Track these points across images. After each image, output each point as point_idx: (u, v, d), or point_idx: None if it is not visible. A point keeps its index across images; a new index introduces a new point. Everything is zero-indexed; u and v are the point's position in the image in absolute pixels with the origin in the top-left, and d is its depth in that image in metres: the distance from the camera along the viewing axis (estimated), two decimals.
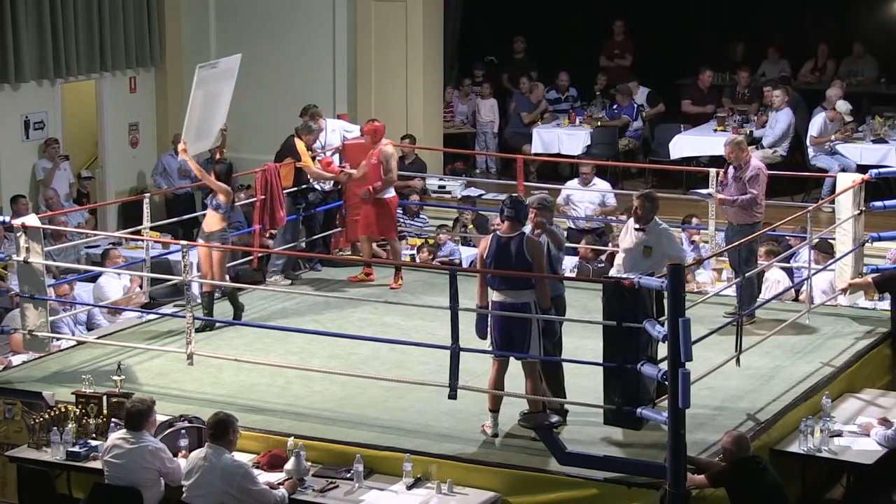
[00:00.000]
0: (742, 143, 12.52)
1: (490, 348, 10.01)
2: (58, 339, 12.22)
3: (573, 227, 16.20)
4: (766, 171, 12.56)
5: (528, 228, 10.10)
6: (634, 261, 10.67)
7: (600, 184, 16.45)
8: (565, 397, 10.18)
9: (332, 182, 14.47)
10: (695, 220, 15.09)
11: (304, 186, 14.27)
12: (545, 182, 17.60)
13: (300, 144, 14.03)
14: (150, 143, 19.39)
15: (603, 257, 14.85)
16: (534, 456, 9.63)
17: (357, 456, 9.60)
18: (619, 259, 11.07)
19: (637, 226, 10.77)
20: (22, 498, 10.33)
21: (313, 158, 14.23)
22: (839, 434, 10.28)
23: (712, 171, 13.41)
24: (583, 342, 10.77)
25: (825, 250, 13.51)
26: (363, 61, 19.09)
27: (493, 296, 9.93)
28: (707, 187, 13.27)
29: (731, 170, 12.42)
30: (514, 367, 10.06)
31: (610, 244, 15.03)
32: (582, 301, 11.72)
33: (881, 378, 11.81)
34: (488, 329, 9.99)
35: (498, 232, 10.05)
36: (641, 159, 19.08)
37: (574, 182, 16.60)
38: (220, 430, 9.32)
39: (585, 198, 16.24)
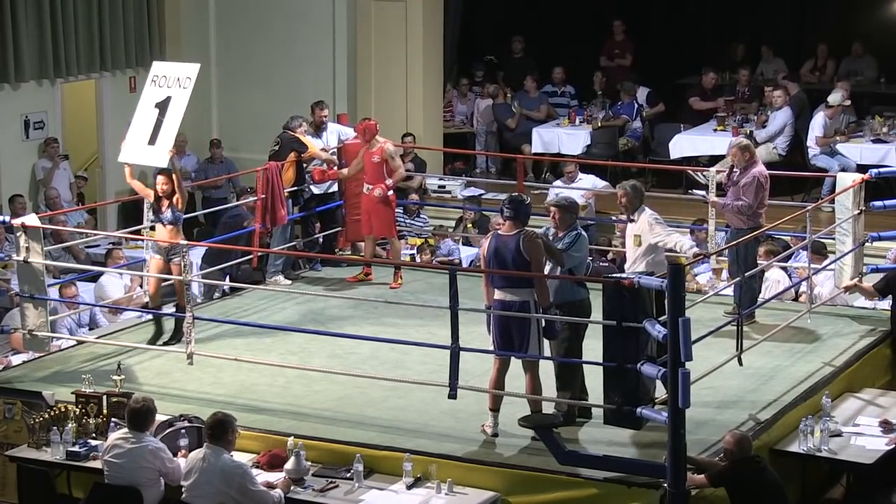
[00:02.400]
0: (748, 147, 12.38)
1: (492, 347, 10.01)
2: (58, 339, 12.22)
3: None
4: (767, 177, 12.38)
5: (551, 230, 10.16)
6: (629, 252, 10.67)
7: (586, 179, 16.47)
8: (579, 399, 10.14)
9: (327, 183, 14.51)
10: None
11: (306, 185, 14.32)
12: (543, 183, 17.65)
13: (301, 136, 14.08)
14: None
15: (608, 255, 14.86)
16: (534, 456, 9.63)
17: (357, 456, 9.60)
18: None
19: (626, 216, 10.77)
20: (22, 498, 10.33)
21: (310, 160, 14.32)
22: (839, 434, 10.29)
23: (711, 170, 13.40)
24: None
25: (818, 251, 13.47)
26: (363, 61, 19.09)
27: (494, 294, 9.94)
28: (703, 184, 13.22)
29: (735, 173, 12.37)
30: (516, 366, 10.07)
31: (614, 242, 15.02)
32: None
33: (881, 378, 11.82)
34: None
35: (498, 231, 10.06)
36: (641, 159, 19.07)
37: (559, 182, 16.61)
38: (219, 430, 9.32)
39: (575, 195, 16.23)
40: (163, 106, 12.17)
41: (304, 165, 14.27)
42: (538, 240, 9.88)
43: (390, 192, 13.82)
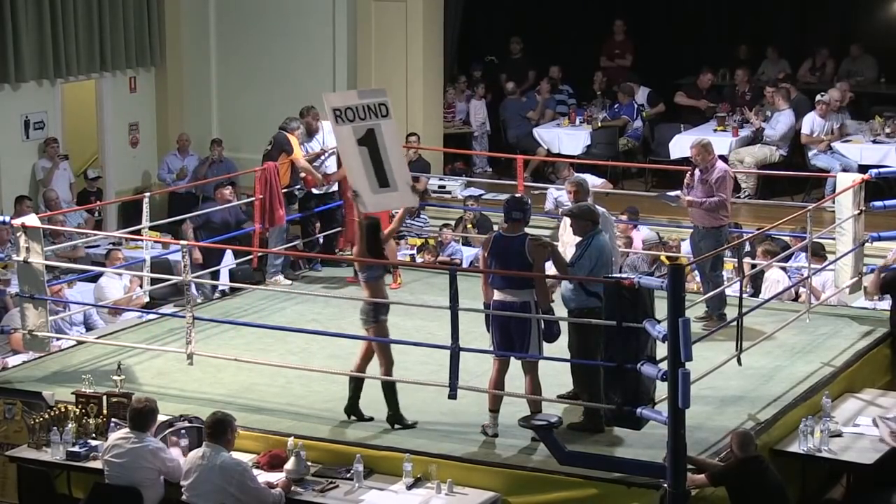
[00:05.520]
0: (708, 146, 12.44)
1: (491, 347, 10.01)
2: (58, 338, 12.22)
3: None
4: (732, 174, 12.57)
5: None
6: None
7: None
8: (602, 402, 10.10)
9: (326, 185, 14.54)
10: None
11: (297, 186, 14.32)
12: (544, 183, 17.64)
13: (293, 139, 14.09)
14: (150, 143, 19.40)
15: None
16: (534, 456, 9.64)
17: (357, 456, 9.60)
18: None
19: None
20: (22, 498, 10.33)
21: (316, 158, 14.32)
22: (839, 434, 10.29)
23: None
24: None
25: (816, 253, 13.47)
26: (363, 61, 19.09)
27: (494, 294, 9.94)
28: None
29: (696, 172, 12.43)
30: (516, 367, 10.06)
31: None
32: None
33: (881, 378, 11.82)
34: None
35: (501, 231, 10.06)
36: (641, 159, 19.06)
37: (554, 187, 16.56)
38: (219, 429, 9.32)
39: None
40: (368, 141, 11.02)
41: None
42: (546, 247, 9.87)
43: None
